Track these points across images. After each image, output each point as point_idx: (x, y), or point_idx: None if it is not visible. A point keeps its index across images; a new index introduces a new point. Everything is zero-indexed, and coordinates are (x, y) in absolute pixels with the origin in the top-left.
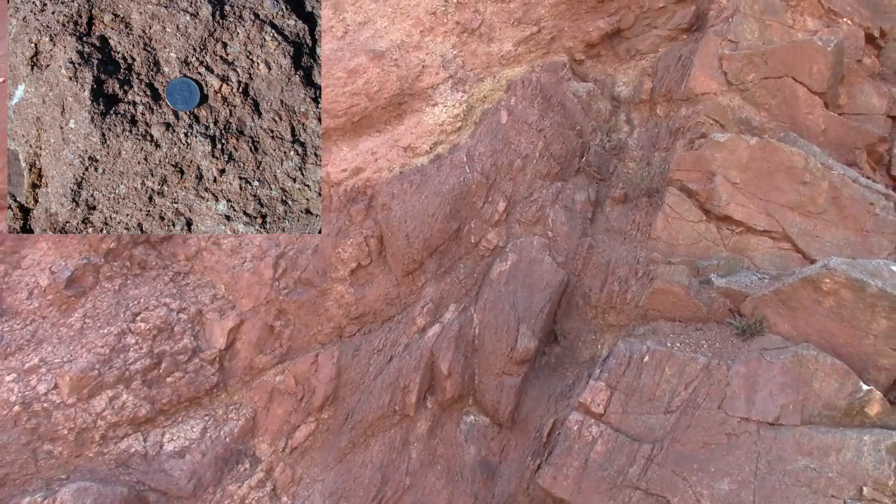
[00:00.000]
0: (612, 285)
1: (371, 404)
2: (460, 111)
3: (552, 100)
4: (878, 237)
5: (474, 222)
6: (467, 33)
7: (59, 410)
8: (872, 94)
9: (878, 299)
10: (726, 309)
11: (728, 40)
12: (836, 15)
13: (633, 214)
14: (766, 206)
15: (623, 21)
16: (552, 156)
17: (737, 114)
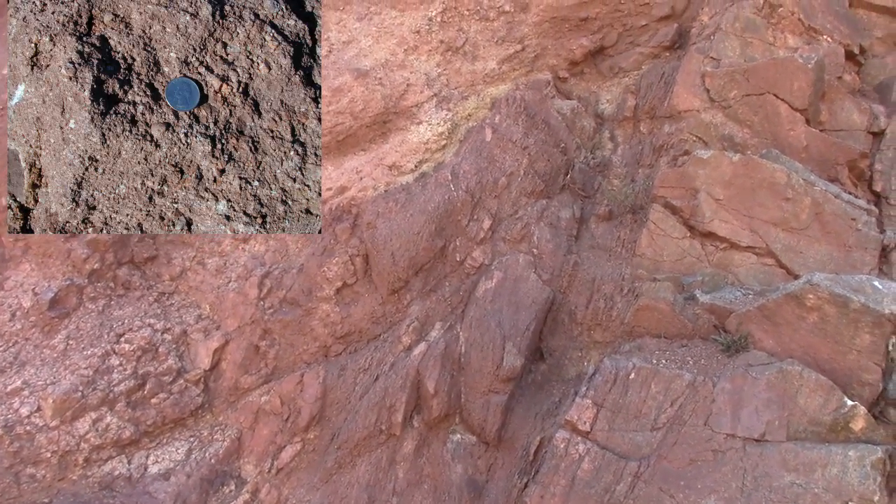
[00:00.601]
0: (597, 302)
1: (357, 424)
2: (445, 129)
3: (536, 117)
4: (861, 252)
5: (459, 240)
6: (451, 52)
7: (42, 433)
8: (853, 111)
9: (860, 315)
10: (711, 325)
11: (710, 58)
12: (816, 32)
13: (618, 231)
14: (750, 223)
15: (606, 39)
16: (537, 173)
17: (719, 130)
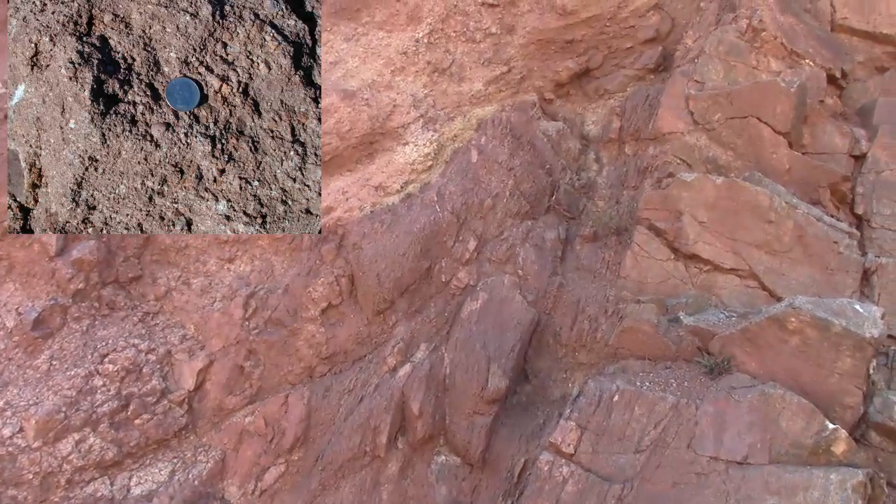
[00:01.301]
0: (582, 324)
1: (342, 445)
2: (431, 150)
3: (522, 139)
4: (843, 275)
5: (445, 261)
6: (438, 73)
7: (24, 454)
8: (835, 134)
9: (842, 338)
10: (695, 347)
11: (694, 80)
12: (798, 56)
13: (603, 253)
14: (733, 245)
15: (591, 61)
16: (522, 194)
17: (703, 153)
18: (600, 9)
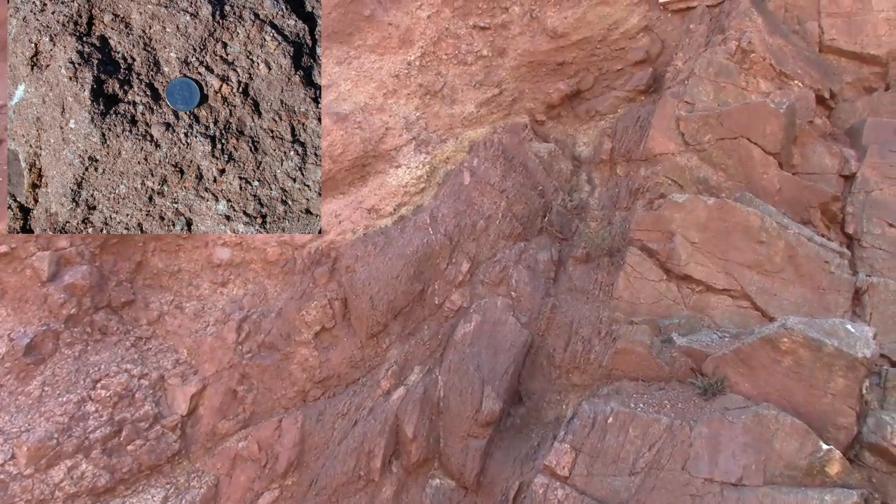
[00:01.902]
0: (575, 345)
1: (336, 469)
2: (423, 172)
3: (514, 160)
4: (834, 295)
5: (438, 283)
6: (430, 95)
7: (17, 482)
8: (825, 154)
9: (834, 358)
10: (688, 368)
11: (684, 102)
12: (787, 77)
13: (596, 274)
14: (725, 265)
15: (582, 83)
16: (515, 216)
17: (694, 174)
18: (591, 31)
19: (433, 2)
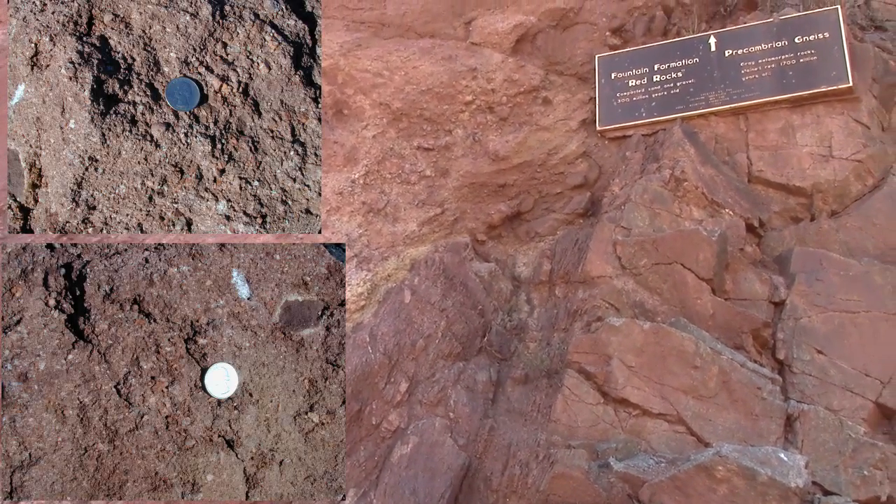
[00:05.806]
0: (513, 468)
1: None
2: (364, 290)
3: (455, 279)
4: (767, 421)
5: (376, 403)
6: (373, 213)
7: None
8: (755, 281)
9: (768, 488)
10: (625, 494)
11: (621, 226)
12: (718, 206)
13: (534, 395)
14: (661, 390)
15: (523, 205)
16: (454, 335)
17: (631, 297)
18: (531, 155)
19: (379, 122)
